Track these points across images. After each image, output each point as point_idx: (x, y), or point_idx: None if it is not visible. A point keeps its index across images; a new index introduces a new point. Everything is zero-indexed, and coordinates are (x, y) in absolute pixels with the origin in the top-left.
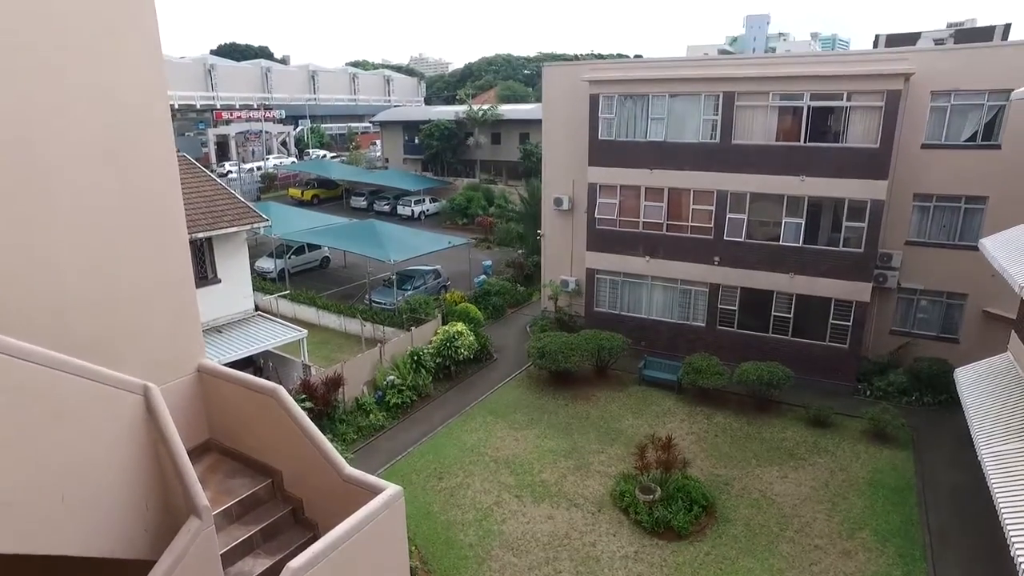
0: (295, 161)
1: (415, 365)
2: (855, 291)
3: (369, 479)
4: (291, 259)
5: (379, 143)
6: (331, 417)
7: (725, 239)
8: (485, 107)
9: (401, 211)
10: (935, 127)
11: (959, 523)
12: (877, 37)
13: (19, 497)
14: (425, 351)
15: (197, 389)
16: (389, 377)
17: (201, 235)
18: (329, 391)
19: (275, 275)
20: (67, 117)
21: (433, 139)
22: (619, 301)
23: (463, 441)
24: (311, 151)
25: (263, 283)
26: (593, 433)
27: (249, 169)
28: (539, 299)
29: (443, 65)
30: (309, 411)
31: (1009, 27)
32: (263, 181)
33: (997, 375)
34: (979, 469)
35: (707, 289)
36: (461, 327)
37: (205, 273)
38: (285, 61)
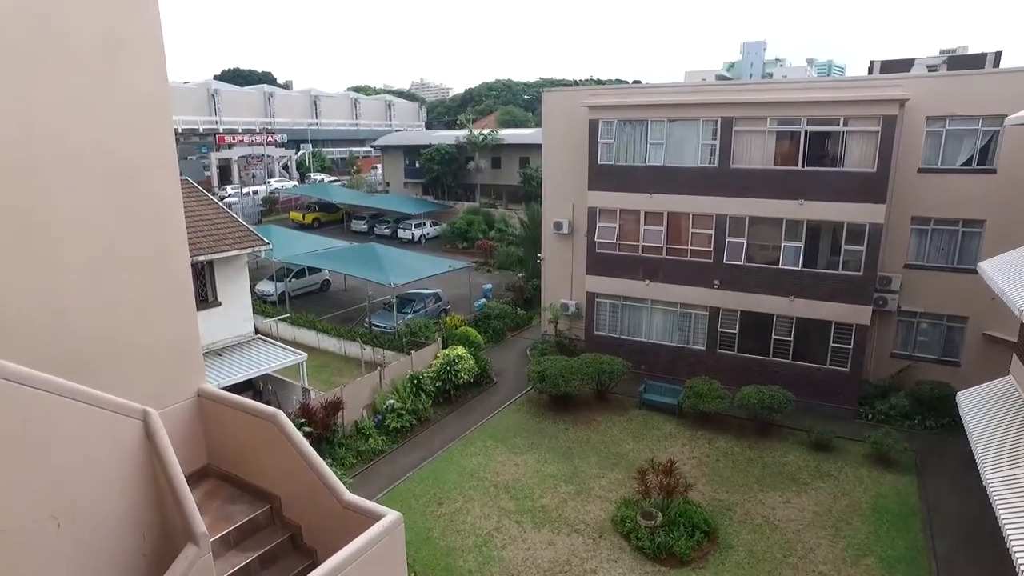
0: (296, 184)
1: (415, 389)
2: (855, 314)
3: (369, 505)
4: (291, 282)
5: (380, 167)
6: (330, 441)
7: (725, 262)
8: (485, 132)
9: (402, 235)
10: (931, 152)
11: (965, 549)
12: (872, 63)
13: (14, 524)
14: (425, 375)
15: (197, 413)
16: (389, 401)
17: (202, 258)
18: (328, 415)
19: (275, 298)
20: (70, 129)
21: (434, 163)
22: (619, 325)
23: (463, 466)
24: (312, 175)
25: (263, 306)
26: (594, 458)
27: (246, 193)
28: (539, 323)
29: (444, 90)
30: (308, 435)
31: (1000, 54)
32: (264, 204)
33: (999, 399)
34: (984, 494)
35: (707, 312)
36: (461, 351)
37: (205, 296)
38: (288, 86)
